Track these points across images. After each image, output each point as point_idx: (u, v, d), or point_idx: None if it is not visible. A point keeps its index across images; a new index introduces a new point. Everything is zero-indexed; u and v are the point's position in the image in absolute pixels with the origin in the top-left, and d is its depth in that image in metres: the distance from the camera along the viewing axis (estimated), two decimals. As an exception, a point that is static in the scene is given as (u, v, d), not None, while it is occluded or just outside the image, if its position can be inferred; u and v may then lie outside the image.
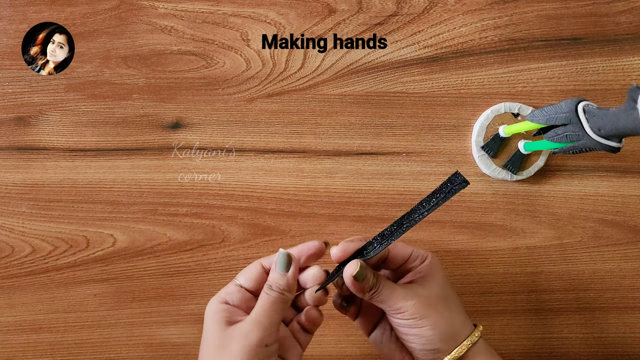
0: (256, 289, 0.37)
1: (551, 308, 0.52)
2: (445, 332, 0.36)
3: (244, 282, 0.36)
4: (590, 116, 0.38)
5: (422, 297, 0.36)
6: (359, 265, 0.35)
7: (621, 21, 0.51)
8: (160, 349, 0.51)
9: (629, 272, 0.52)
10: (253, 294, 0.37)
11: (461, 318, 0.37)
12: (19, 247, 0.51)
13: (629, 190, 0.52)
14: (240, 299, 0.36)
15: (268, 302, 0.34)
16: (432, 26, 0.51)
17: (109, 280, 0.51)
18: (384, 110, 0.51)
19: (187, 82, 0.51)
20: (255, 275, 0.36)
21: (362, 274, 0.35)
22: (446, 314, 0.36)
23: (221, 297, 0.36)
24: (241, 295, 0.36)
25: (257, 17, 0.51)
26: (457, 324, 0.37)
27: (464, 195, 0.51)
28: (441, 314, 0.36)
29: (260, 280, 0.36)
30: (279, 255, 0.35)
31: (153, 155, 0.51)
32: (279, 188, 0.51)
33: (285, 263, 0.34)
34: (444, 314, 0.36)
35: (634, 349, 0.52)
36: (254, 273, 0.36)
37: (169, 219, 0.51)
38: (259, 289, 0.36)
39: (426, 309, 0.36)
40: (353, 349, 0.51)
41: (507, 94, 0.51)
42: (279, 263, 0.35)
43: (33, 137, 0.51)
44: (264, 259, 0.37)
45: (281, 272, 0.35)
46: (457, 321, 0.37)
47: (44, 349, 0.51)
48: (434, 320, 0.36)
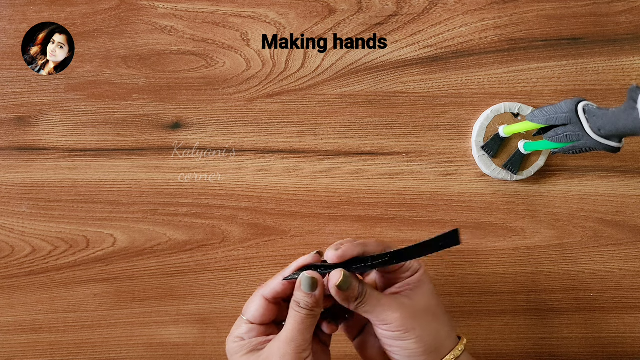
0: (267, 320, 0.37)
1: (551, 308, 0.52)
2: (429, 345, 0.35)
3: (251, 319, 0.37)
4: (590, 116, 0.38)
5: (408, 309, 0.36)
6: (343, 274, 0.34)
7: (621, 21, 0.51)
8: (160, 349, 0.51)
9: (629, 272, 0.52)
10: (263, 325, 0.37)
11: (446, 330, 0.37)
12: (19, 247, 0.51)
13: (629, 190, 0.52)
14: (257, 333, 0.37)
15: (299, 320, 0.35)
16: (432, 26, 0.51)
17: (109, 280, 0.51)
18: (384, 110, 0.51)
19: (187, 82, 0.51)
20: (260, 311, 0.37)
21: (347, 283, 0.34)
22: (431, 327, 0.36)
23: (236, 335, 0.37)
24: (252, 328, 0.37)
25: (257, 17, 0.51)
26: (442, 336, 0.36)
27: (464, 195, 0.51)
28: (426, 327, 0.36)
29: (265, 313, 0.37)
30: (304, 279, 0.35)
31: (153, 155, 0.51)
32: (279, 188, 0.51)
33: (311, 285, 0.35)
34: (429, 326, 0.36)
35: (634, 349, 0.52)
36: (259, 309, 0.37)
37: (169, 219, 0.51)
38: (269, 319, 0.37)
39: (411, 322, 0.35)
40: (353, 349, 0.51)
41: (507, 94, 0.51)
42: (304, 285, 0.35)
43: (33, 137, 0.51)
44: (263, 288, 0.37)
45: (308, 292, 0.35)
46: (442, 334, 0.37)
47: (44, 349, 0.51)
48: (419, 333, 0.35)
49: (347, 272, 0.35)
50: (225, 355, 0.52)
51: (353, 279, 0.35)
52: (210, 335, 0.51)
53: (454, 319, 0.52)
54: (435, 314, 0.37)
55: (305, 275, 0.35)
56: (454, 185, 0.51)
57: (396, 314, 0.35)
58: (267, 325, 0.38)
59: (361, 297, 0.35)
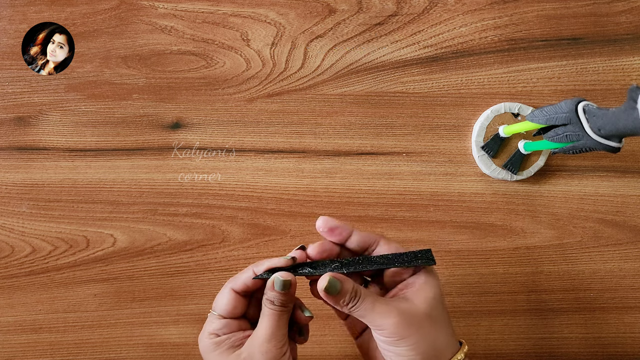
0: (238, 314, 0.37)
1: (551, 308, 0.52)
2: (426, 353, 0.35)
3: (223, 312, 0.37)
4: (590, 116, 0.38)
5: (405, 315, 0.34)
6: (328, 279, 0.34)
7: (621, 21, 0.51)
8: (160, 349, 0.51)
9: (629, 272, 0.52)
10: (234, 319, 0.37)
11: (446, 339, 0.35)
12: (19, 247, 0.51)
13: (629, 190, 0.52)
14: (229, 327, 0.36)
15: (275, 317, 0.35)
16: (432, 26, 0.51)
17: (109, 280, 0.51)
18: (384, 110, 0.51)
19: (187, 82, 0.51)
20: (232, 304, 0.36)
21: (334, 287, 0.34)
22: (429, 335, 0.35)
23: (208, 331, 0.37)
24: (225, 323, 0.36)
25: (257, 17, 0.51)
26: (441, 344, 0.35)
27: (464, 195, 0.51)
28: (423, 335, 0.35)
29: (237, 306, 0.37)
30: (277, 280, 0.34)
31: (153, 155, 0.51)
32: (279, 188, 0.51)
33: (284, 286, 0.34)
34: (427, 334, 0.35)
35: (634, 349, 0.52)
36: (230, 302, 0.36)
37: (169, 219, 0.51)
38: (240, 313, 0.37)
39: (407, 329, 0.34)
40: (353, 348, 0.51)
41: (507, 94, 0.51)
42: (278, 286, 0.34)
43: (33, 137, 0.51)
44: (233, 282, 0.37)
45: (282, 292, 0.35)
46: (441, 342, 0.35)
47: (44, 349, 0.51)
48: (415, 340, 0.34)
49: (338, 276, 0.34)
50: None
51: (346, 282, 0.34)
52: (210, 335, 0.51)
53: (453, 319, 0.52)
54: (436, 321, 0.35)
55: (277, 277, 0.34)
56: (454, 185, 0.51)
57: (390, 320, 0.34)
58: (239, 319, 0.37)
59: (353, 301, 0.35)
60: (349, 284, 0.35)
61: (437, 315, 0.36)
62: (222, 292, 0.37)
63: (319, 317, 0.51)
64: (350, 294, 0.35)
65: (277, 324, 0.35)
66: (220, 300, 0.37)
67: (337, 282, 0.34)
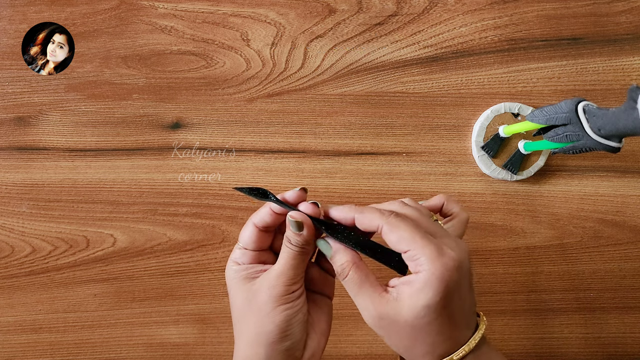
0: (260, 247, 0.37)
1: (551, 308, 0.52)
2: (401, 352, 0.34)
3: (244, 245, 0.37)
4: (590, 116, 0.38)
5: (383, 317, 0.32)
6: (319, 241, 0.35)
7: (621, 21, 0.51)
8: (160, 349, 0.51)
9: (629, 272, 0.52)
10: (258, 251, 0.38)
11: (427, 348, 0.32)
12: (19, 247, 0.51)
13: (629, 190, 0.52)
14: (250, 258, 0.37)
15: (290, 255, 0.35)
16: (432, 26, 0.51)
17: (109, 280, 0.51)
18: (384, 110, 0.51)
19: (187, 82, 0.51)
20: (253, 238, 0.37)
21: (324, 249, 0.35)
22: (404, 341, 0.33)
23: (231, 259, 0.38)
24: (249, 254, 0.37)
25: (257, 17, 0.51)
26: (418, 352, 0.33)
27: (464, 195, 0.51)
28: (397, 340, 0.33)
29: (259, 240, 0.37)
30: (289, 220, 0.35)
31: (153, 155, 0.51)
32: (279, 188, 0.51)
33: (296, 226, 0.35)
34: (402, 340, 0.33)
35: (634, 349, 0.52)
36: (251, 236, 0.37)
37: (169, 219, 0.51)
38: (262, 246, 0.37)
39: (380, 329, 0.33)
40: (353, 349, 0.51)
41: (507, 94, 0.51)
42: (291, 227, 0.35)
43: (33, 137, 0.51)
44: (254, 217, 0.37)
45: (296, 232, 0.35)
46: (419, 351, 0.33)
47: (44, 349, 0.51)
48: (387, 340, 0.33)
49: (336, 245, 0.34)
50: (224, 355, 0.52)
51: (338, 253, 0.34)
52: (210, 335, 0.51)
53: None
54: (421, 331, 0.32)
55: (289, 217, 0.35)
56: (454, 185, 0.51)
57: (366, 314, 0.33)
58: (263, 252, 0.38)
59: (341, 276, 0.34)
60: (341, 257, 0.34)
61: (422, 326, 0.32)
62: (246, 226, 0.37)
63: (319, 317, 0.51)
64: (340, 264, 0.34)
65: (291, 262, 0.35)
66: (243, 233, 0.37)
67: (327, 245, 0.35)
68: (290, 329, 0.34)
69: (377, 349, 0.51)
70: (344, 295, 0.48)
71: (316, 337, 0.37)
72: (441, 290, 0.31)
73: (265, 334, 0.34)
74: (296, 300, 0.35)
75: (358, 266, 0.34)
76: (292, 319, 0.35)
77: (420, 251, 0.31)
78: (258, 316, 0.35)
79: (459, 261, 0.32)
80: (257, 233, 0.37)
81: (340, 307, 0.51)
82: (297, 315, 0.35)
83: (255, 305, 0.35)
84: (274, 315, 0.34)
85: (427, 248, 0.31)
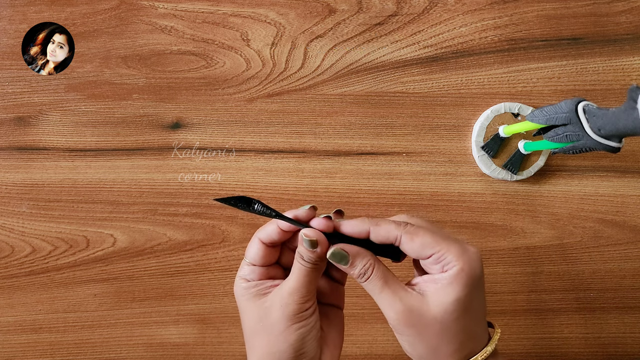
0: (268, 262, 0.36)
1: (551, 308, 0.52)
2: (422, 357, 0.33)
3: (251, 260, 0.36)
4: (590, 116, 0.38)
5: (411, 312, 0.32)
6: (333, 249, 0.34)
7: (621, 21, 0.51)
8: (160, 349, 0.51)
9: (629, 272, 0.52)
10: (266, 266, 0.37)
11: (453, 347, 0.33)
12: (19, 247, 0.51)
13: (629, 190, 0.52)
14: (259, 274, 0.36)
15: (303, 273, 0.34)
16: (432, 26, 0.51)
17: (109, 280, 0.51)
18: (384, 110, 0.51)
19: (187, 82, 0.51)
20: (259, 254, 0.36)
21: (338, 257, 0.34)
22: (432, 340, 0.32)
23: (239, 275, 0.37)
24: (257, 270, 0.36)
25: (257, 17, 0.51)
26: (444, 352, 0.32)
27: (464, 195, 0.51)
28: (424, 339, 0.33)
29: (266, 256, 0.36)
30: (302, 238, 0.34)
31: (153, 155, 0.51)
32: (279, 188, 0.51)
33: (310, 244, 0.33)
34: (430, 339, 0.32)
35: (634, 349, 0.52)
36: (258, 252, 0.36)
37: (169, 219, 0.51)
38: (270, 261, 0.36)
39: (407, 328, 0.33)
40: (353, 349, 0.51)
41: (507, 94, 0.51)
42: (305, 245, 0.34)
43: (33, 137, 0.51)
44: (260, 232, 0.36)
45: (310, 249, 0.34)
46: (445, 350, 0.33)
47: (44, 349, 0.51)
48: (412, 341, 0.33)
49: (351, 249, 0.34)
50: (224, 355, 0.52)
51: (358, 255, 0.34)
52: (210, 335, 0.51)
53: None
54: (447, 329, 0.32)
55: (302, 235, 0.34)
56: (454, 185, 0.51)
57: (392, 312, 0.33)
58: (271, 267, 0.37)
59: (362, 278, 0.34)
60: (361, 259, 0.34)
61: (450, 322, 0.32)
62: (252, 241, 0.36)
63: (319, 317, 0.51)
64: (360, 268, 0.34)
65: (303, 279, 0.34)
66: (250, 249, 0.36)
67: (344, 253, 0.34)
68: (304, 347, 0.34)
69: (377, 349, 0.51)
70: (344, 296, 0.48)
71: (329, 352, 0.36)
72: (469, 284, 0.32)
73: (279, 352, 0.33)
74: (309, 318, 0.34)
75: (379, 265, 0.34)
76: (305, 337, 0.34)
77: (446, 251, 0.32)
78: (271, 335, 0.34)
79: (480, 256, 0.33)
80: (264, 249, 0.36)
81: (340, 307, 0.51)
82: (311, 332, 0.34)
83: (268, 323, 0.34)
84: (288, 334, 0.33)
85: (453, 247, 0.32)
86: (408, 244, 0.33)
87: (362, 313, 0.51)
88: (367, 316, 0.51)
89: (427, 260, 0.33)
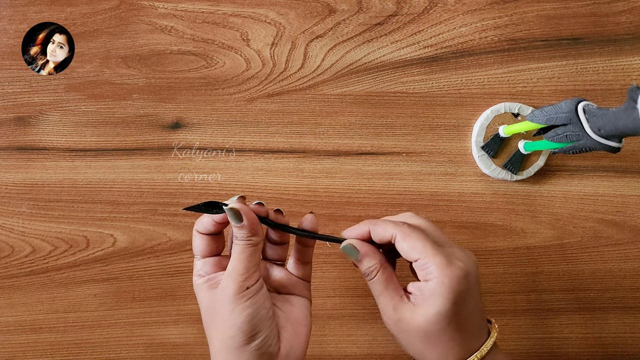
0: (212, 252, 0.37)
1: (551, 308, 0.52)
2: (414, 355, 0.35)
3: (197, 253, 0.37)
4: (590, 116, 0.38)
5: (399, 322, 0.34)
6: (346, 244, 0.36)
7: (621, 21, 0.51)
8: (160, 349, 0.51)
9: (629, 272, 0.52)
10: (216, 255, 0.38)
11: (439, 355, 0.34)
12: (19, 247, 0.51)
13: (629, 190, 0.52)
14: (211, 268, 0.37)
15: (238, 251, 0.35)
16: (432, 26, 0.51)
17: (109, 280, 0.51)
18: (384, 110, 0.51)
19: (187, 82, 0.51)
20: (202, 246, 0.37)
21: (350, 252, 0.36)
22: (415, 346, 0.34)
23: (194, 274, 0.37)
24: (209, 264, 0.37)
25: (257, 17, 0.51)
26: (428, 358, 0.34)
27: (464, 195, 0.51)
28: (411, 345, 0.34)
29: (208, 246, 0.37)
30: (228, 214, 0.34)
31: (153, 155, 0.51)
32: (279, 188, 0.51)
33: (235, 217, 0.34)
34: (416, 345, 0.34)
35: (634, 349, 0.52)
36: (199, 244, 0.37)
37: (169, 219, 0.51)
38: (215, 251, 0.37)
39: (396, 333, 0.35)
40: (353, 348, 0.51)
41: (507, 94, 0.51)
42: (231, 219, 0.34)
43: (33, 137, 0.51)
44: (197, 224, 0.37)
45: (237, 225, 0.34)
46: (429, 357, 0.34)
47: (44, 349, 0.51)
48: (402, 343, 0.35)
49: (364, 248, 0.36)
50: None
51: (368, 255, 0.35)
52: (210, 335, 0.51)
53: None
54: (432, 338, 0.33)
55: (227, 210, 0.34)
56: (454, 185, 0.51)
57: (384, 316, 0.35)
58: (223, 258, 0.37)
59: (367, 277, 0.35)
60: (370, 260, 0.35)
61: (434, 332, 0.33)
62: (193, 236, 0.37)
63: (319, 317, 0.51)
64: (367, 266, 0.35)
65: (239, 257, 0.34)
66: (193, 243, 0.37)
67: (356, 251, 0.35)
68: (255, 328, 0.33)
69: (377, 349, 0.51)
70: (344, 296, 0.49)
71: (291, 328, 0.36)
72: (450, 298, 0.32)
73: (230, 338, 0.33)
74: (254, 297, 0.34)
75: (385, 268, 0.36)
76: (254, 317, 0.33)
77: (430, 260, 0.33)
78: (220, 321, 0.34)
79: (467, 271, 0.33)
80: (205, 239, 0.37)
81: (340, 307, 0.51)
82: (259, 312, 0.34)
83: (216, 310, 0.34)
84: (234, 317, 0.33)
85: (437, 257, 0.33)
86: (400, 243, 0.34)
87: (362, 313, 0.51)
88: (367, 316, 0.51)
89: (414, 264, 0.34)
